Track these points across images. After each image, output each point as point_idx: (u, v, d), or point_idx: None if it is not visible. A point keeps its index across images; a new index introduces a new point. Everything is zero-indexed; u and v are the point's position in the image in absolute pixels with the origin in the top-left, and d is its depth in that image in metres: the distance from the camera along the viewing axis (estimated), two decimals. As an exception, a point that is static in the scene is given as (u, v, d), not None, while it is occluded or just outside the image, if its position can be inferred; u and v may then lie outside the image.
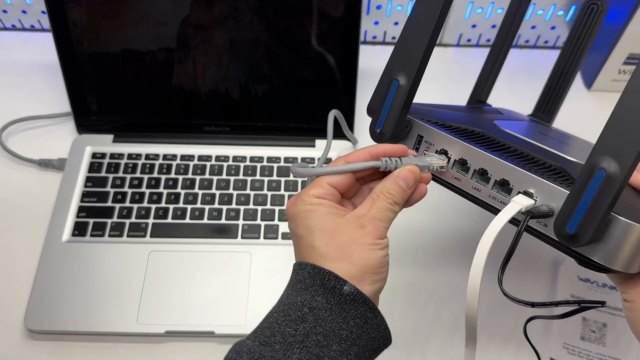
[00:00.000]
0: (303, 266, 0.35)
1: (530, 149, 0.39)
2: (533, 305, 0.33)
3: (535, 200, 0.34)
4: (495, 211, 0.36)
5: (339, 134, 0.67)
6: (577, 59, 0.54)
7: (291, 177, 0.63)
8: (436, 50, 0.81)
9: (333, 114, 0.44)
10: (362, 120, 0.71)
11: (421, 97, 0.76)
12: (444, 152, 0.39)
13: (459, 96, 0.75)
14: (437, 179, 0.40)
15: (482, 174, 0.37)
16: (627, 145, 0.29)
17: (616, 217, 0.31)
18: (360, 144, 0.69)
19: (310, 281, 0.34)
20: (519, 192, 0.35)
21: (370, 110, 0.41)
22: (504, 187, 0.36)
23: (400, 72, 0.37)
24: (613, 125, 0.29)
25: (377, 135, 0.40)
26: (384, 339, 0.34)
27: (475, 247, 0.33)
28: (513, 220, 0.34)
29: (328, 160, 0.66)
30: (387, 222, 0.36)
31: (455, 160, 0.38)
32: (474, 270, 0.33)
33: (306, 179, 0.42)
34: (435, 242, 0.61)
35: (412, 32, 0.37)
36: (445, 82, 0.77)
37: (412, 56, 0.37)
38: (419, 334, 0.55)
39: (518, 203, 0.34)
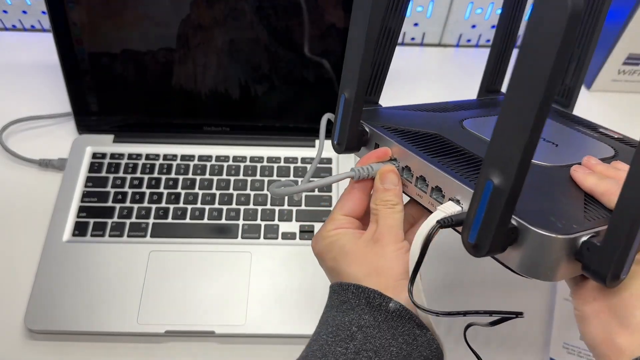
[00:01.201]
0: (345, 287, 0.35)
1: (480, 151, 0.39)
2: (437, 314, 0.33)
3: (462, 208, 0.34)
4: None
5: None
6: (586, 41, 0.50)
7: (291, 177, 0.63)
8: (436, 51, 0.81)
9: (326, 117, 0.44)
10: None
11: (421, 97, 0.76)
12: (394, 160, 0.40)
13: (459, 96, 0.75)
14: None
15: (423, 181, 0.38)
16: (509, 157, 0.28)
17: (526, 226, 0.30)
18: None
19: (356, 301, 0.34)
20: (450, 199, 0.35)
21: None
22: (440, 194, 0.37)
23: (346, 87, 0.39)
24: (497, 137, 0.28)
25: (336, 146, 0.42)
26: (436, 357, 0.34)
27: None
28: (438, 223, 0.34)
29: (325, 171, 0.66)
30: (397, 225, 0.37)
31: (402, 167, 0.39)
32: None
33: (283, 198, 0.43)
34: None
35: (349, 50, 0.39)
36: (445, 82, 0.77)
37: (352, 72, 0.38)
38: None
39: (442, 211, 0.34)
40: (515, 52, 0.53)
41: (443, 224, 0.33)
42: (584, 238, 0.31)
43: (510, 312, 0.32)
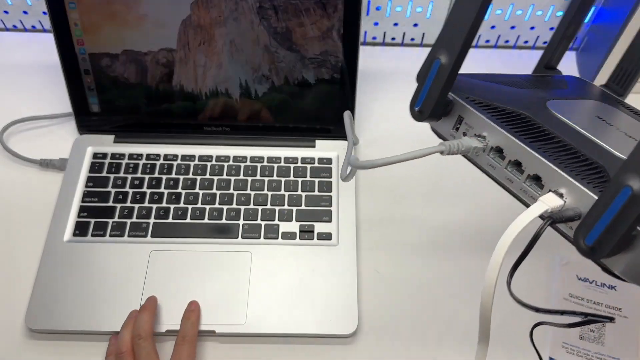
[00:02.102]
0: None
1: (576, 142, 0.36)
2: (537, 310, 0.33)
3: (565, 202, 0.33)
4: (525, 204, 0.35)
5: (338, 135, 0.67)
6: None
7: (291, 177, 0.63)
8: (436, 51, 0.81)
9: (348, 115, 0.45)
10: (363, 121, 0.71)
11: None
12: (482, 137, 0.37)
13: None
14: (473, 162, 0.39)
15: (517, 165, 0.36)
16: None
17: None
18: (361, 143, 0.69)
19: None
20: (550, 190, 0.34)
21: (417, 79, 0.40)
22: (537, 182, 0.35)
23: (443, 51, 0.36)
24: None
25: (416, 113, 0.39)
26: None
27: (491, 242, 0.33)
28: (542, 216, 0.33)
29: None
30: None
31: (492, 147, 0.37)
32: (491, 267, 0.32)
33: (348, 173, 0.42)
34: (453, 234, 0.61)
35: (457, 11, 0.36)
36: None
37: (455, 35, 0.35)
38: (425, 326, 0.55)
39: (545, 203, 0.33)
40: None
41: (555, 220, 0.32)
42: None
43: (603, 316, 0.33)
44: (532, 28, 0.79)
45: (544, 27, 0.79)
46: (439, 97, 0.37)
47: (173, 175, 0.63)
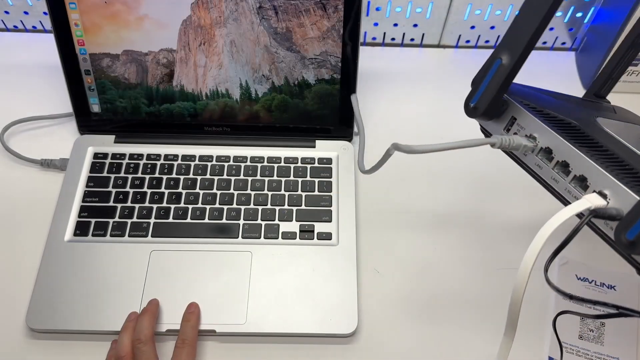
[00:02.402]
0: None
1: (621, 152, 0.38)
2: (571, 297, 0.34)
3: (608, 202, 0.35)
4: (565, 204, 0.36)
5: (338, 135, 0.67)
6: None
7: (291, 177, 0.64)
8: (435, 52, 0.82)
9: (355, 97, 0.45)
10: (363, 121, 0.71)
11: (421, 97, 0.76)
12: (532, 138, 0.39)
13: (458, 97, 0.76)
14: (519, 161, 0.41)
15: (564, 167, 0.38)
16: None
17: None
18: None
19: None
20: (594, 191, 0.35)
21: (472, 84, 0.41)
22: (582, 183, 0.37)
23: (506, 51, 0.38)
24: None
25: (471, 109, 0.41)
26: None
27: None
28: (580, 216, 0.34)
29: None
30: None
31: (541, 147, 0.39)
32: (527, 257, 0.34)
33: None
34: (453, 234, 0.62)
35: (524, 15, 0.37)
36: (444, 83, 0.77)
37: (519, 37, 0.37)
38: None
39: (588, 201, 0.34)
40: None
41: (597, 214, 0.34)
42: None
43: (636, 310, 0.34)
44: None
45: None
46: (496, 95, 0.39)
47: (173, 175, 0.63)
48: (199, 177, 0.63)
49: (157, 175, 0.63)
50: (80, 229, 0.59)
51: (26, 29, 0.80)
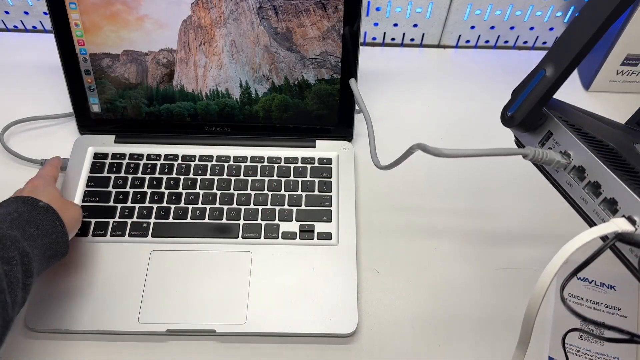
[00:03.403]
0: (7, 199, 0.50)
1: None
2: (584, 319, 0.33)
3: (637, 229, 0.34)
4: (591, 225, 0.36)
5: (338, 135, 0.67)
6: None
7: (291, 177, 0.64)
8: (435, 52, 0.82)
9: (353, 81, 0.45)
10: (363, 122, 0.71)
11: (421, 97, 0.76)
12: (567, 155, 0.39)
13: (458, 97, 0.76)
14: (549, 177, 0.41)
15: (595, 187, 0.37)
16: None
17: None
18: (361, 144, 0.69)
19: (12, 202, 0.49)
20: (623, 216, 0.35)
21: (513, 94, 0.41)
22: (612, 206, 0.36)
23: (551, 63, 0.37)
24: None
25: (508, 118, 0.40)
26: (64, 246, 0.50)
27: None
28: (604, 239, 0.34)
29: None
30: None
31: (574, 165, 0.38)
32: (545, 274, 0.34)
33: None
34: (453, 234, 0.62)
35: (576, 28, 0.36)
36: (444, 83, 0.77)
37: (566, 50, 0.36)
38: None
39: (616, 225, 0.34)
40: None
41: (623, 239, 0.33)
42: None
43: None
44: (531, 28, 0.79)
45: (543, 28, 0.79)
46: (535, 107, 0.38)
47: (173, 175, 0.63)
48: (199, 177, 0.63)
49: (157, 175, 0.63)
50: (80, 229, 0.59)
51: (26, 29, 0.80)
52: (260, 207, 0.61)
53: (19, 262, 0.43)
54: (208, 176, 0.64)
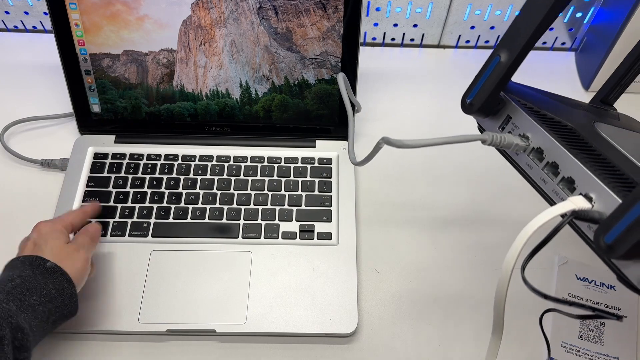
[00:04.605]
0: (13, 260, 0.48)
1: (613, 157, 0.38)
2: (546, 297, 0.34)
3: (593, 205, 0.34)
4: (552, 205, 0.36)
5: (339, 135, 0.67)
6: None
7: (291, 177, 0.64)
8: (435, 52, 0.82)
9: (341, 76, 0.45)
10: (363, 121, 0.71)
11: (421, 97, 0.76)
12: (526, 137, 0.39)
13: (458, 97, 0.76)
14: (511, 160, 0.42)
15: (553, 168, 0.38)
16: None
17: None
18: (361, 143, 0.69)
19: (19, 264, 0.46)
20: (581, 194, 0.35)
21: (472, 81, 0.42)
22: (570, 185, 0.37)
23: (505, 49, 0.38)
24: None
25: (467, 105, 0.41)
26: (73, 307, 0.48)
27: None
28: (564, 217, 0.34)
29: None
30: (91, 252, 0.52)
31: (533, 147, 0.39)
32: (509, 257, 0.34)
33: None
34: (452, 234, 0.62)
35: (525, 13, 0.37)
36: (444, 83, 0.77)
37: (518, 35, 0.37)
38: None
39: (573, 203, 0.34)
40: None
41: (578, 216, 0.34)
42: None
43: (612, 313, 0.34)
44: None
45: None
46: (492, 93, 0.39)
47: (174, 175, 0.63)
48: (199, 177, 0.63)
49: (157, 175, 0.63)
50: (81, 229, 0.59)
51: (26, 29, 0.80)
52: (260, 207, 0.61)
53: (9, 340, 0.41)
54: (208, 176, 0.64)
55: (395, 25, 0.79)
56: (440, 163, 0.68)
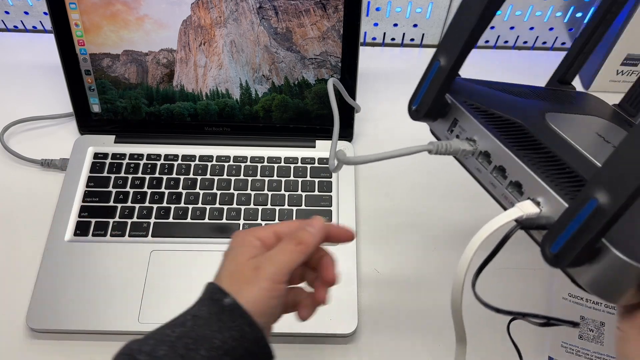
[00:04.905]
0: (208, 284, 0.38)
1: (564, 154, 0.37)
2: (497, 311, 0.33)
3: (541, 210, 0.33)
4: (505, 209, 0.35)
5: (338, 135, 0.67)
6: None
7: (291, 177, 0.64)
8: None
9: (332, 82, 0.44)
10: (363, 121, 0.71)
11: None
12: (473, 141, 0.38)
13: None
14: (462, 165, 0.41)
15: (501, 171, 0.37)
16: (624, 181, 0.27)
17: (608, 247, 0.30)
18: (361, 144, 0.69)
19: (205, 295, 0.37)
20: (529, 198, 0.34)
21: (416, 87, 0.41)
22: (518, 189, 0.36)
23: (444, 54, 0.37)
24: (615, 158, 0.27)
25: (413, 112, 0.40)
26: (264, 355, 0.36)
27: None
28: (519, 223, 0.33)
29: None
30: (288, 264, 0.36)
31: (480, 151, 0.38)
32: (459, 267, 0.34)
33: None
34: (452, 234, 0.62)
35: (459, 16, 0.36)
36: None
37: (456, 39, 0.36)
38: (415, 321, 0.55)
39: (520, 209, 0.33)
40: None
41: (524, 225, 0.33)
42: None
43: (566, 320, 0.33)
44: (531, 28, 0.79)
45: (543, 28, 0.79)
46: (435, 98, 0.38)
47: (174, 175, 0.63)
48: (199, 177, 0.63)
49: (157, 175, 0.63)
50: (81, 229, 0.59)
51: (26, 29, 0.80)
52: (260, 207, 0.61)
53: None
54: (208, 176, 0.64)
55: (395, 25, 0.79)
56: (441, 161, 0.68)
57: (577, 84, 0.77)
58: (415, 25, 0.79)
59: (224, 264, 0.38)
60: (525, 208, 0.34)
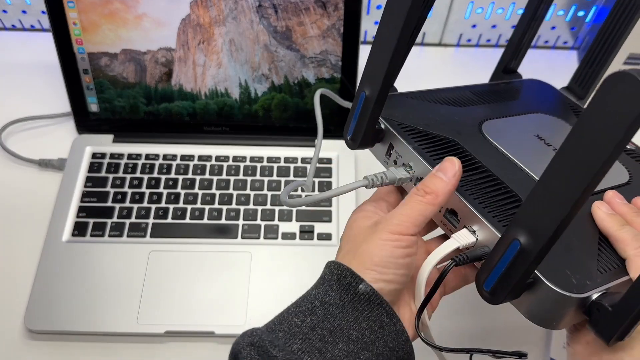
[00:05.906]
0: (328, 263, 0.34)
1: (500, 171, 0.37)
2: (441, 349, 0.33)
3: (477, 239, 0.33)
4: (446, 236, 0.35)
5: (339, 135, 0.67)
6: (623, 26, 0.49)
7: (291, 177, 0.63)
8: (436, 50, 0.81)
9: (319, 93, 0.44)
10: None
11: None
12: (409, 166, 0.38)
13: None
14: (402, 190, 0.40)
15: None
16: (543, 222, 0.27)
17: (541, 280, 0.30)
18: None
19: (329, 276, 0.33)
20: (465, 227, 0.34)
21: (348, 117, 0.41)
22: (454, 217, 0.35)
23: (368, 84, 0.36)
24: (533, 197, 0.27)
25: (349, 142, 0.39)
26: (405, 353, 0.32)
27: None
28: (454, 260, 0.33)
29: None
30: (408, 216, 0.33)
31: (417, 177, 0.37)
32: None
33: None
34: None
35: (378, 45, 0.36)
36: (445, 82, 0.76)
37: (376, 70, 0.36)
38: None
39: (456, 240, 0.33)
40: (538, 35, 0.50)
41: (459, 262, 0.32)
42: (595, 296, 0.30)
43: (514, 352, 0.32)
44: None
45: (544, 27, 0.79)
46: (367, 127, 0.38)
47: (172, 175, 0.63)
48: (197, 177, 0.63)
49: (155, 175, 0.63)
50: (79, 230, 0.59)
51: (24, 27, 0.80)
52: (259, 208, 0.61)
53: None
54: (207, 176, 0.63)
55: (396, 23, 0.78)
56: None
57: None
58: (415, 24, 0.78)
59: (341, 243, 0.35)
60: (462, 238, 0.33)
